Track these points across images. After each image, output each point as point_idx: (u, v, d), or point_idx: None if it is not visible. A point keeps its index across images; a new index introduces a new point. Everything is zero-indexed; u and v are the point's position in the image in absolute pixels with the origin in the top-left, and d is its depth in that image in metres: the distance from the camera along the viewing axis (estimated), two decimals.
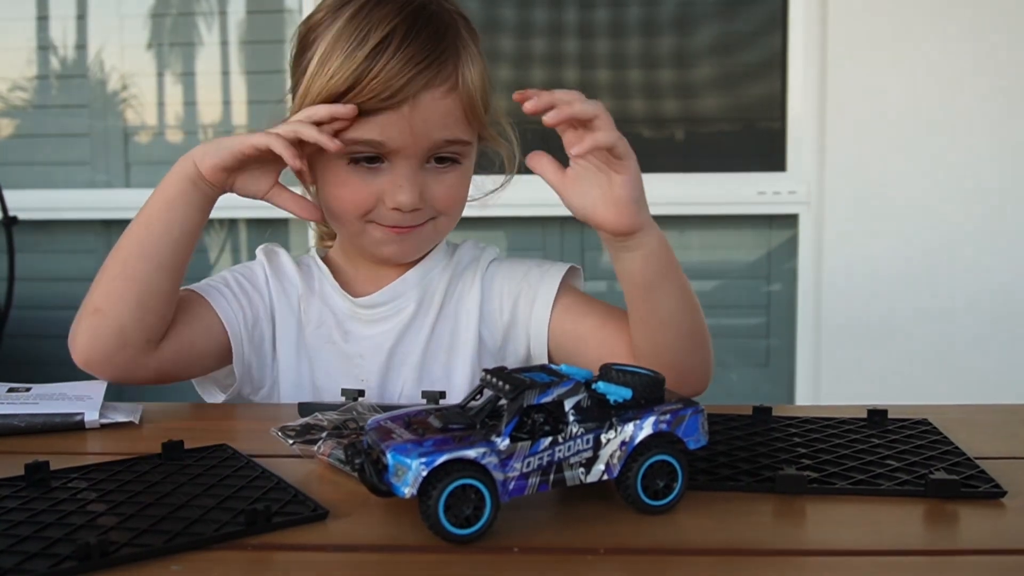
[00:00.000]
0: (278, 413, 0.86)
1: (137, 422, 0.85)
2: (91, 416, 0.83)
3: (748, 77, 2.80)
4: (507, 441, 0.58)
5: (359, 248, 1.02)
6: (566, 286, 1.05)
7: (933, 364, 2.61)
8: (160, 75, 2.96)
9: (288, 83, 1.03)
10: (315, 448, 0.71)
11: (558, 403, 0.60)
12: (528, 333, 1.05)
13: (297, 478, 0.68)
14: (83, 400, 0.84)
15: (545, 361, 1.05)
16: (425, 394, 0.88)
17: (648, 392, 0.64)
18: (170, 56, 2.97)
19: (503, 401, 0.60)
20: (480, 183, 1.07)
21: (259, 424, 0.84)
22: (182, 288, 0.99)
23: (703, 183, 2.76)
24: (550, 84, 2.80)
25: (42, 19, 2.96)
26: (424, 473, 0.55)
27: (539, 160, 0.87)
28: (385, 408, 0.81)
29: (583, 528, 0.61)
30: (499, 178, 1.07)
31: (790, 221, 2.76)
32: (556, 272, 1.05)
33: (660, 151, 2.87)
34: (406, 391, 1.02)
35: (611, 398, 0.63)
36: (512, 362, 1.07)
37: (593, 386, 0.64)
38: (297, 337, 1.02)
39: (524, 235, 2.88)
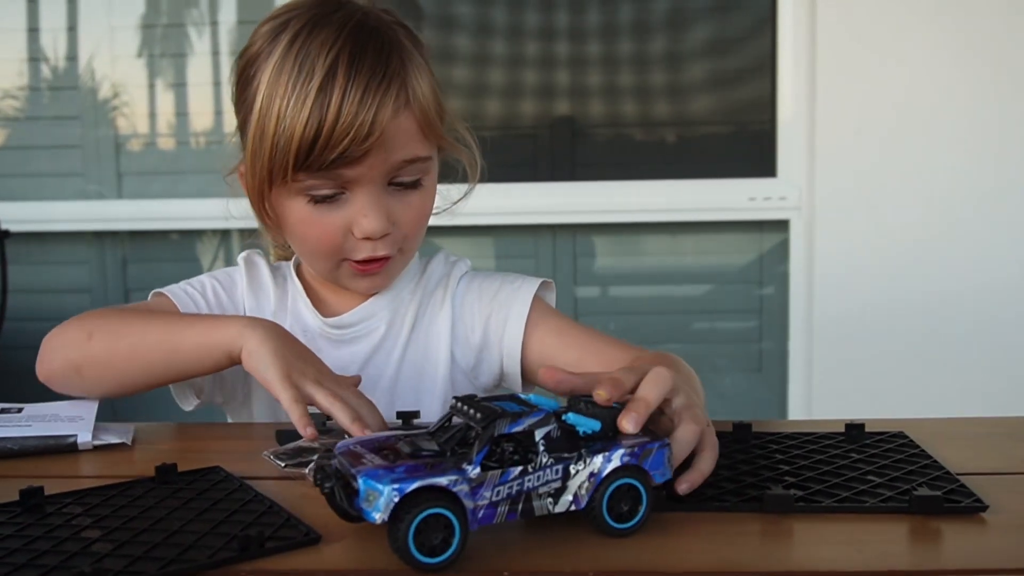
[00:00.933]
0: (268, 432, 0.87)
1: (129, 443, 0.86)
2: (84, 438, 0.84)
3: (737, 81, 2.81)
4: (478, 469, 0.59)
5: (332, 281, 1.01)
6: (538, 304, 1.04)
7: (926, 369, 2.61)
8: (151, 85, 2.97)
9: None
10: (306, 471, 0.72)
11: (528, 433, 0.61)
12: (501, 353, 1.04)
13: (289, 501, 0.69)
14: (75, 422, 0.85)
15: (519, 380, 1.05)
16: (400, 414, 0.89)
17: (615, 425, 0.66)
18: (161, 66, 2.98)
19: (473, 429, 0.61)
20: (445, 192, 1.06)
21: (250, 444, 0.85)
22: (155, 292, 1.02)
23: (694, 189, 2.77)
24: (538, 87, 2.83)
25: (32, 31, 2.97)
26: (396, 499, 0.56)
27: None
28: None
29: (567, 551, 0.62)
30: (464, 186, 1.06)
31: (781, 227, 2.77)
32: (527, 290, 1.04)
33: (650, 157, 2.87)
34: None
35: (580, 430, 0.65)
36: (486, 381, 1.08)
37: (563, 417, 0.65)
38: None
39: (515, 243, 2.89)
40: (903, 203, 2.61)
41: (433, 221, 1.03)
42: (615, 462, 0.63)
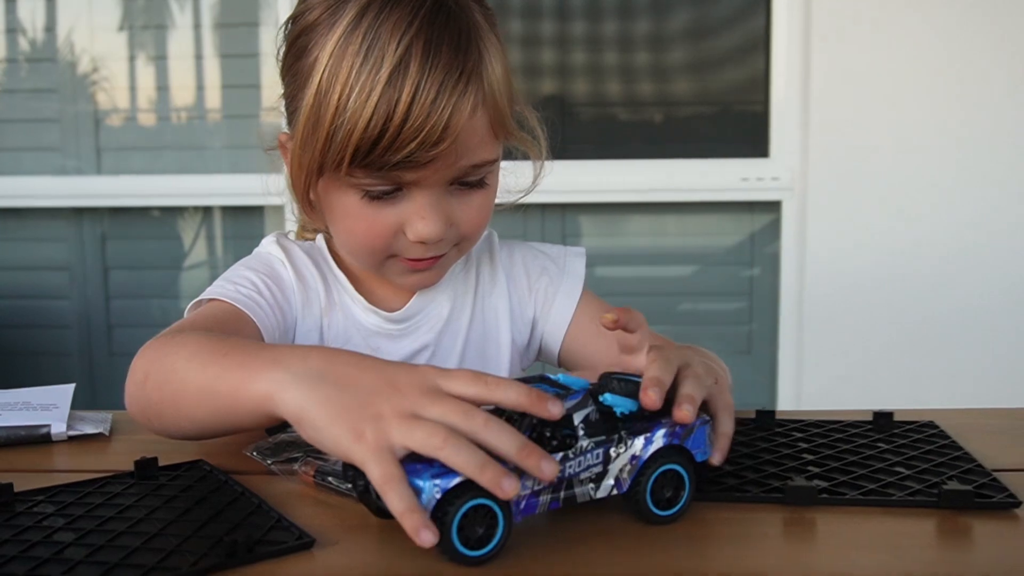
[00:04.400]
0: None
1: (107, 433, 0.80)
2: (58, 428, 0.78)
3: (730, 60, 2.76)
4: None
5: (376, 273, 0.91)
6: (587, 297, 0.99)
7: (918, 353, 2.60)
8: (132, 58, 2.89)
9: (271, 89, 0.94)
10: (295, 467, 0.67)
11: (567, 417, 0.57)
12: (544, 330, 0.99)
13: (279, 499, 0.63)
14: (49, 410, 0.79)
15: (554, 360, 1.01)
16: None
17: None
18: (142, 38, 2.90)
19: (508, 415, 0.58)
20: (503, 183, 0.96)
21: (234, 436, 0.80)
22: (210, 297, 0.86)
23: (686, 169, 2.73)
24: (528, 65, 2.77)
25: (9, 0, 2.88)
26: (438, 495, 0.53)
27: None
28: None
29: (583, 551, 0.57)
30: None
31: (773, 208, 2.73)
32: (577, 265, 1.00)
33: (640, 136, 2.83)
34: None
35: (617, 410, 0.61)
36: (529, 360, 1.03)
37: (600, 398, 0.61)
38: None
39: (504, 222, 2.82)
40: (898, 185, 2.57)
41: None
42: (657, 443, 0.61)
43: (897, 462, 0.72)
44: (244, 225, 2.94)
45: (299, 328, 0.91)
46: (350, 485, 0.59)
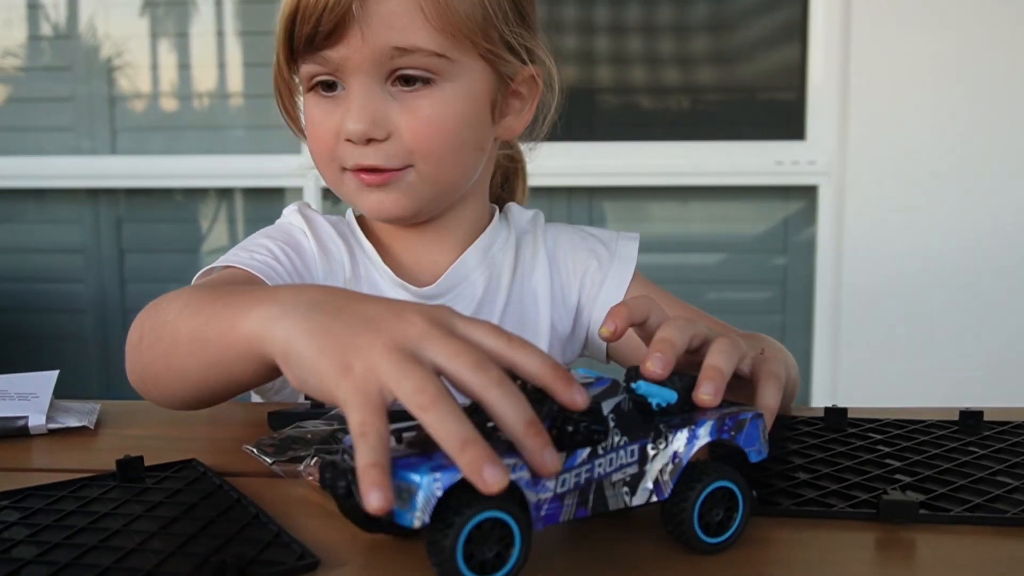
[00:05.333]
0: (260, 415, 0.73)
1: (92, 427, 0.71)
2: (36, 421, 0.69)
3: (767, 41, 2.66)
4: None
5: (345, 198, 0.86)
6: (638, 278, 0.92)
7: (960, 345, 2.50)
8: (152, 35, 2.81)
9: None
10: (300, 467, 0.58)
11: (594, 407, 0.47)
12: (590, 317, 0.92)
13: (280, 507, 0.54)
14: (28, 400, 0.71)
15: (602, 351, 0.92)
16: None
17: (693, 398, 0.52)
18: (160, 17, 2.82)
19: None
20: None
21: (236, 429, 0.71)
22: (224, 264, 0.81)
23: (718, 152, 2.64)
24: (559, 46, 2.69)
25: None
26: (439, 493, 0.42)
27: None
28: None
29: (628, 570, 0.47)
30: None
31: (809, 193, 2.63)
32: (629, 248, 0.93)
33: (673, 119, 2.74)
34: None
35: (654, 401, 0.50)
36: (573, 352, 0.94)
37: (632, 386, 0.51)
38: None
39: (531, 205, 2.74)
40: (941, 170, 2.48)
41: None
42: (703, 438, 0.50)
43: (999, 470, 0.62)
44: (264, 207, 2.87)
45: None
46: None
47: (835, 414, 0.73)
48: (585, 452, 0.46)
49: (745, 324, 2.64)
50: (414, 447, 0.45)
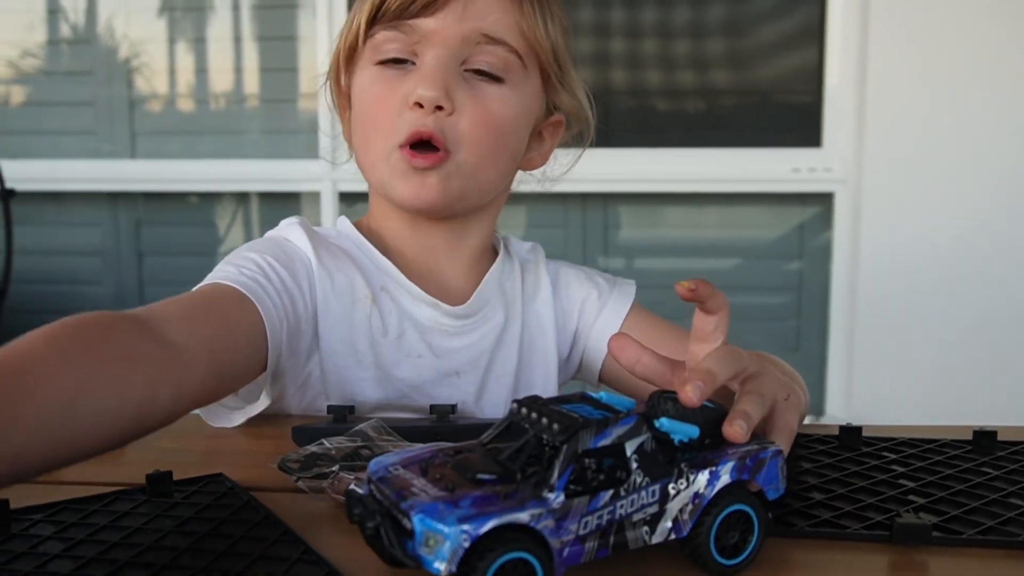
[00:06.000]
0: (283, 429, 0.74)
1: None
2: None
3: (784, 48, 2.66)
4: (562, 497, 0.46)
5: (381, 187, 0.86)
6: (636, 308, 0.94)
7: (975, 355, 2.49)
8: (170, 40, 2.84)
9: (308, 72, 0.91)
10: (325, 484, 0.59)
11: (617, 447, 0.48)
12: (586, 343, 0.94)
13: (306, 522, 0.56)
14: None
15: (595, 375, 0.95)
16: (434, 408, 0.76)
17: (714, 428, 0.53)
18: (180, 22, 2.85)
19: (546, 442, 0.48)
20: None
21: (261, 443, 0.72)
22: (212, 283, 0.75)
23: (734, 159, 2.64)
24: (579, 55, 2.69)
25: None
26: (466, 544, 0.43)
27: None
28: (395, 428, 0.69)
29: None
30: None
31: (825, 200, 2.63)
32: (628, 286, 0.95)
33: (688, 125, 2.74)
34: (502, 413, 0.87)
35: (676, 438, 0.51)
36: (568, 375, 0.97)
37: (656, 423, 0.51)
38: (368, 350, 0.84)
39: (544, 212, 2.76)
40: (958, 178, 2.48)
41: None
42: (724, 478, 0.51)
43: (1012, 492, 0.63)
44: (281, 211, 2.89)
45: (321, 315, 0.82)
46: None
47: (850, 433, 0.73)
48: (608, 494, 0.47)
49: (761, 329, 2.65)
50: (441, 484, 0.46)
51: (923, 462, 0.69)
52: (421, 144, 0.81)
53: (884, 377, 2.55)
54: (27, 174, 2.63)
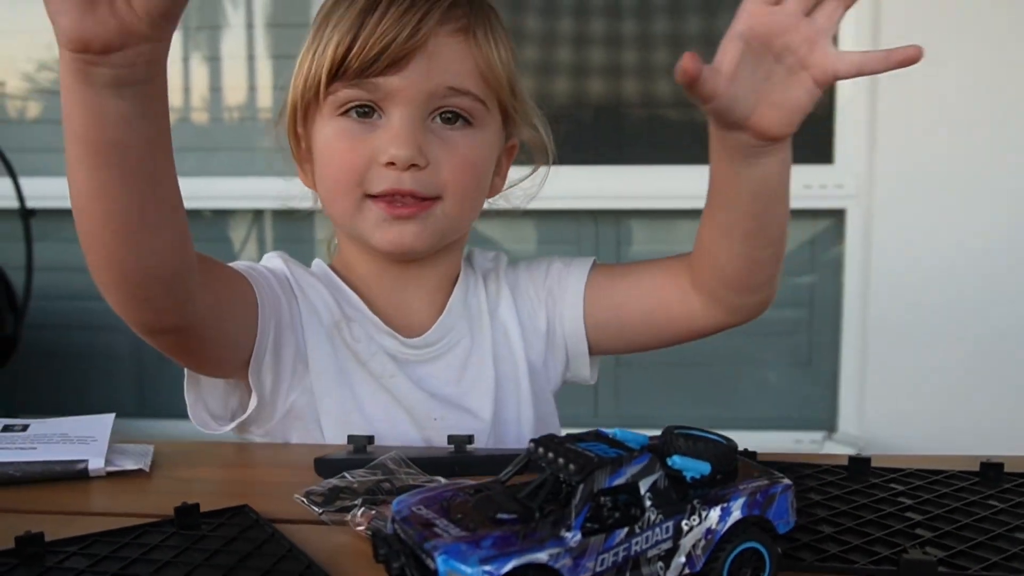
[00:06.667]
0: (305, 459, 0.76)
1: (147, 469, 0.75)
2: (96, 464, 0.73)
3: None
4: (579, 536, 0.47)
5: (356, 235, 0.87)
6: (595, 269, 0.95)
7: (988, 371, 2.50)
8: (184, 59, 2.87)
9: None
10: (348, 517, 0.61)
11: (632, 486, 0.50)
12: (564, 330, 0.95)
13: (329, 555, 0.57)
14: (87, 444, 0.74)
15: (585, 357, 0.96)
16: (452, 439, 0.78)
17: (725, 463, 0.54)
18: (194, 38, 2.88)
19: (563, 481, 0.50)
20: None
21: (282, 473, 0.75)
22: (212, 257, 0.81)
23: None
24: (583, 68, 2.71)
25: None
26: None
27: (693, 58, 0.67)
28: (414, 460, 0.70)
29: None
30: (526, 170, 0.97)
31: (837, 216, 2.64)
32: (582, 261, 0.96)
33: (699, 141, 2.74)
34: (481, 428, 0.90)
35: (688, 474, 0.53)
36: (555, 374, 0.98)
37: (668, 461, 0.53)
38: (343, 367, 0.88)
39: (556, 228, 2.78)
40: (970, 194, 2.48)
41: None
42: (735, 514, 0.52)
43: (1017, 526, 0.64)
44: (294, 228, 2.91)
45: (307, 333, 0.87)
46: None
47: (859, 464, 0.75)
48: (623, 532, 0.49)
49: (773, 345, 2.65)
50: (463, 523, 0.48)
51: (930, 494, 0.70)
52: (398, 195, 0.83)
53: (896, 393, 2.55)
54: (47, 191, 2.66)
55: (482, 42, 0.86)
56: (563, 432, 0.58)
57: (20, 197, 2.41)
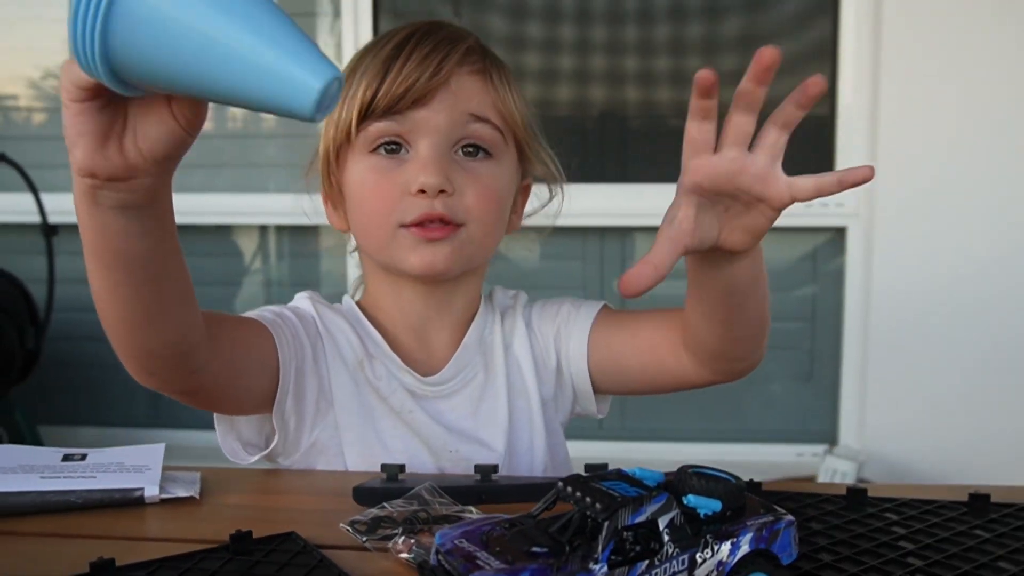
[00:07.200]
0: (343, 487, 0.82)
1: (197, 496, 0.81)
2: (151, 492, 0.79)
3: (793, 80, 2.72)
4: (605, 568, 0.53)
5: (390, 264, 0.93)
6: (600, 313, 1.01)
7: (987, 385, 2.54)
8: None
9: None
10: (390, 545, 0.67)
11: (651, 523, 0.56)
12: (570, 370, 1.01)
13: None
14: (142, 472, 0.80)
15: (590, 396, 1.01)
16: (478, 468, 0.84)
17: (734, 501, 0.61)
18: None
19: (589, 518, 0.56)
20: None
21: (324, 500, 0.80)
22: (236, 313, 0.90)
23: None
24: (589, 87, 2.76)
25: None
26: None
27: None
28: (446, 490, 0.76)
29: None
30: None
31: (838, 234, 2.69)
32: (591, 305, 1.01)
33: None
34: (495, 459, 0.95)
35: (701, 512, 0.59)
36: (563, 409, 1.03)
37: (684, 500, 0.60)
38: (365, 403, 0.94)
39: (563, 245, 2.83)
40: (970, 212, 2.52)
41: None
42: (744, 547, 0.59)
43: (1000, 555, 0.70)
44: (299, 243, 2.97)
45: (333, 372, 0.93)
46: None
47: (856, 495, 0.81)
48: (644, 564, 0.55)
49: (774, 359, 2.67)
50: (501, 556, 0.54)
51: (922, 524, 0.76)
52: (427, 221, 0.90)
53: (897, 407, 2.58)
54: (67, 207, 2.72)
55: (498, 84, 0.94)
56: (570, 459, 0.64)
57: (43, 214, 2.47)
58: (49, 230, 2.44)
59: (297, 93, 0.50)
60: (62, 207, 2.60)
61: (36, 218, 2.53)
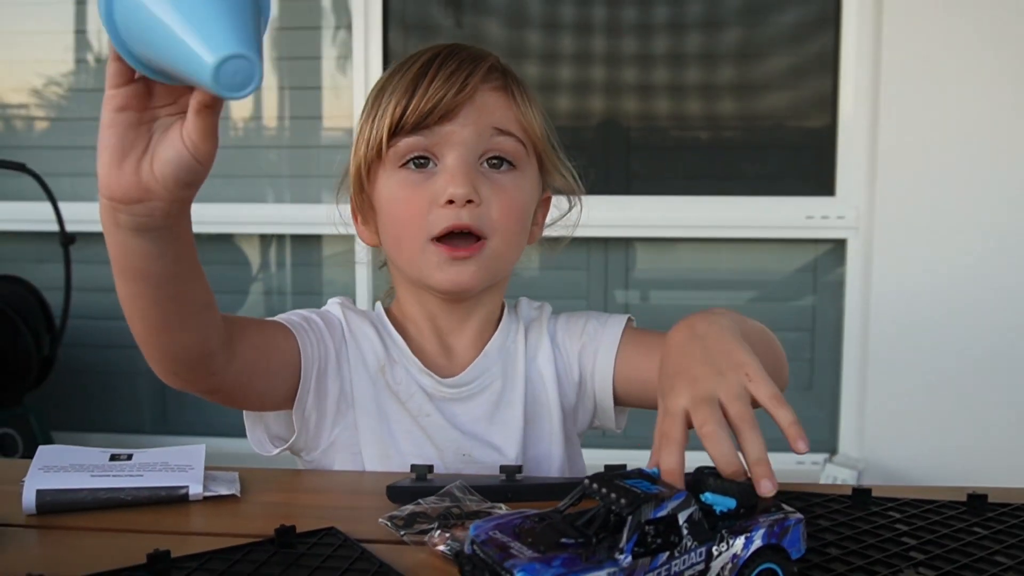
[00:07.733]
0: (376, 485, 0.86)
1: (239, 494, 0.85)
2: (195, 490, 0.83)
3: (799, 101, 2.77)
4: (629, 558, 0.58)
5: (418, 278, 0.98)
6: (627, 331, 1.04)
7: (985, 394, 2.57)
8: None
9: (331, 120, 1.05)
10: (426, 538, 0.72)
11: (672, 518, 0.61)
12: (594, 386, 1.05)
13: (410, 571, 0.68)
14: (186, 471, 0.85)
15: (610, 411, 1.05)
16: (503, 468, 0.88)
17: (748, 499, 0.65)
18: None
19: (613, 513, 0.61)
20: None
21: (359, 498, 0.85)
22: (262, 317, 0.96)
23: (750, 206, 2.74)
24: (593, 99, 2.80)
25: (79, 32, 2.99)
26: None
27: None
28: (476, 488, 0.81)
29: None
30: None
31: (838, 246, 2.73)
32: (617, 320, 1.05)
33: (707, 172, 2.85)
34: (506, 462, 0.98)
35: (717, 508, 0.65)
36: (582, 421, 1.07)
37: (701, 497, 0.65)
38: (383, 407, 0.99)
39: (567, 255, 2.86)
40: (969, 225, 2.56)
41: None
42: (756, 542, 0.63)
43: (997, 551, 0.74)
44: (304, 253, 3.01)
45: (355, 375, 0.98)
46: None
47: (861, 494, 0.85)
48: (665, 555, 0.60)
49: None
50: (534, 546, 0.59)
51: (924, 522, 0.80)
52: (454, 235, 0.95)
53: (896, 416, 2.61)
54: (84, 215, 2.76)
55: (519, 99, 0.99)
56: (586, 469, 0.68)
57: (61, 223, 2.51)
58: (67, 239, 2.48)
59: (199, 67, 0.54)
60: (80, 216, 2.65)
61: (54, 227, 2.57)
